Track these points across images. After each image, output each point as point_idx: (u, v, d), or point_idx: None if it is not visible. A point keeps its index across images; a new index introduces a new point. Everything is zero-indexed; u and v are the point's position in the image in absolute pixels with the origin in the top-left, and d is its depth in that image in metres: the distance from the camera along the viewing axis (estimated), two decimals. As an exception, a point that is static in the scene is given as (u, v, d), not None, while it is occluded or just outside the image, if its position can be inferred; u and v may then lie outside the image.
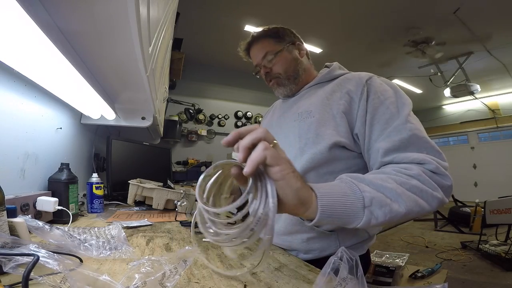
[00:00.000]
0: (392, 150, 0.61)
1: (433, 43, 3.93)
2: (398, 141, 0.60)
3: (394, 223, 0.54)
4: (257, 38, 0.89)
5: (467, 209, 3.91)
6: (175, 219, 1.10)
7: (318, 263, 0.58)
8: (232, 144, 0.40)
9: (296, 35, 0.91)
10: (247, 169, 0.37)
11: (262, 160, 0.37)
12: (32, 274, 0.35)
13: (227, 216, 0.42)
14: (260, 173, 0.39)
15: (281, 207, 0.40)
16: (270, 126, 0.93)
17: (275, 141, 0.40)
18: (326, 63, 0.91)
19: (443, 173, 0.56)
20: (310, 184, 0.45)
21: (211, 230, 0.42)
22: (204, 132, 4.51)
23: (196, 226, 1.04)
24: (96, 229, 0.79)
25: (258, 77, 0.91)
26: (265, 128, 0.40)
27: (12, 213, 0.55)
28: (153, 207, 1.25)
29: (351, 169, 0.72)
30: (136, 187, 1.27)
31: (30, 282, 0.35)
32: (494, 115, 6.43)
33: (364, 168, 0.72)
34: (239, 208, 0.39)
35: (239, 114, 4.92)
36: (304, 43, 0.92)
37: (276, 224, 0.73)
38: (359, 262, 0.41)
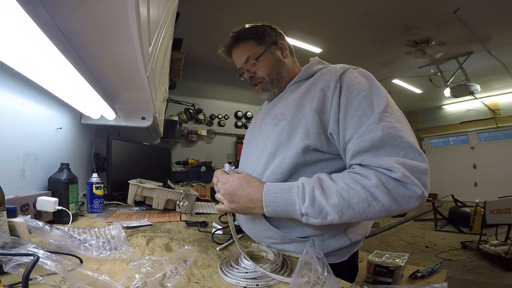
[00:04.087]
0: (362, 152, 0.58)
1: (433, 43, 3.94)
2: (368, 143, 0.57)
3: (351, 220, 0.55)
4: (237, 41, 0.85)
5: (467, 209, 3.91)
6: (180, 219, 1.10)
7: None
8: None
9: (277, 32, 0.87)
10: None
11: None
12: (32, 274, 0.35)
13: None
14: None
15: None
16: (253, 130, 0.90)
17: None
18: (310, 58, 0.85)
19: (411, 182, 0.53)
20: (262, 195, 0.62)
21: None
22: (204, 132, 4.51)
23: (198, 225, 1.04)
24: (96, 229, 0.79)
25: (242, 79, 0.88)
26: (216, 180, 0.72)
27: (12, 213, 0.55)
28: (153, 207, 1.25)
29: (330, 173, 0.64)
30: (136, 187, 1.27)
31: (30, 282, 0.35)
32: (494, 115, 6.43)
33: (343, 169, 0.65)
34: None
35: (239, 114, 4.92)
36: (286, 37, 0.88)
37: (252, 231, 0.78)
38: (325, 259, 0.44)
